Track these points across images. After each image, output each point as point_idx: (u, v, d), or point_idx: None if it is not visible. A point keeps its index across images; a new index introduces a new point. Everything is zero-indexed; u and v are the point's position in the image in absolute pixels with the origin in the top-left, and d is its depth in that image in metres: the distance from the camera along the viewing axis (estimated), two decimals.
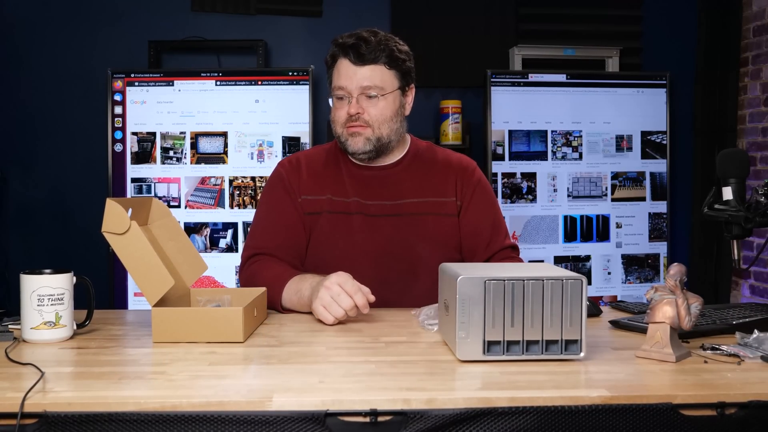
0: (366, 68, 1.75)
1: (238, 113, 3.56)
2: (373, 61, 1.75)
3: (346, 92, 1.77)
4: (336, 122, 1.81)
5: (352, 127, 1.77)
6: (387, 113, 1.78)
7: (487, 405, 1.02)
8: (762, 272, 3.70)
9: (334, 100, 1.80)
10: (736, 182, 1.53)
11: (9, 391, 1.04)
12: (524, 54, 3.82)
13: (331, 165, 1.87)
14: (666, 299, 1.24)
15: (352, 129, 1.77)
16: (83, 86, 3.76)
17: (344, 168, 1.86)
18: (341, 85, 1.77)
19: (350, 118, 1.76)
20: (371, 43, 1.75)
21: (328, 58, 1.81)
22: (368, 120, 1.77)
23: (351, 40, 1.76)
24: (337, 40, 1.79)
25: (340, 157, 1.88)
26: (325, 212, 1.81)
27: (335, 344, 1.36)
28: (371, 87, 1.76)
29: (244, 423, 0.99)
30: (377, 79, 1.76)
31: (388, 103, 1.78)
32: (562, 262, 3.70)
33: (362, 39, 1.75)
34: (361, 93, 1.76)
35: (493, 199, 1.93)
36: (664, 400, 1.04)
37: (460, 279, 1.20)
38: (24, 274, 1.36)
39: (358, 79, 1.75)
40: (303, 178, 1.85)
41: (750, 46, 3.81)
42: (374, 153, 1.81)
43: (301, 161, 1.89)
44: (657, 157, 3.80)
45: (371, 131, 1.77)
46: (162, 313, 1.36)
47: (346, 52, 1.76)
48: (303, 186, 1.84)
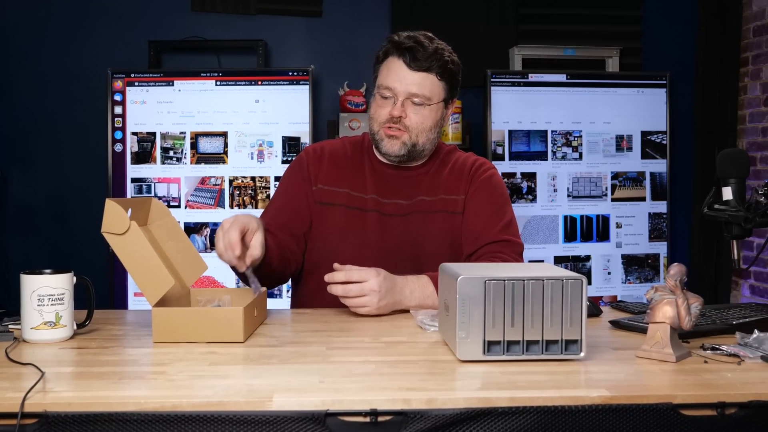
0: (418, 75, 1.74)
1: (238, 113, 3.56)
2: (426, 69, 1.74)
3: (392, 93, 1.76)
4: (375, 119, 1.80)
5: (391, 128, 1.77)
6: (428, 123, 1.78)
7: (487, 405, 1.02)
8: (762, 272, 3.70)
9: (378, 97, 1.79)
10: (736, 182, 1.53)
11: (9, 391, 1.04)
12: (524, 54, 3.82)
13: (355, 159, 1.87)
14: (666, 299, 1.24)
15: (391, 131, 1.77)
16: (83, 86, 3.76)
17: (367, 164, 1.86)
18: (389, 86, 1.75)
19: (391, 119, 1.76)
20: (428, 50, 1.74)
21: (380, 54, 1.80)
22: (409, 125, 1.76)
23: (409, 42, 1.74)
24: (393, 38, 1.77)
25: (365, 152, 1.88)
26: (342, 206, 1.81)
27: (335, 344, 1.36)
28: (419, 95, 1.75)
29: (244, 423, 0.99)
30: (426, 88, 1.75)
31: (431, 113, 1.78)
32: (562, 262, 3.71)
33: (419, 43, 1.74)
34: (408, 98, 1.75)
35: (497, 196, 1.86)
36: (664, 400, 1.04)
37: (460, 279, 1.20)
38: (24, 274, 1.36)
39: (408, 84, 1.74)
40: (324, 167, 1.85)
41: (750, 46, 3.81)
42: (406, 158, 1.81)
43: (325, 151, 1.88)
44: (657, 157, 3.80)
45: (409, 137, 1.77)
46: (162, 313, 1.36)
47: (402, 53, 1.74)
48: (322, 175, 1.84)
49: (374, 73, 1.83)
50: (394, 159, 1.81)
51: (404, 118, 1.76)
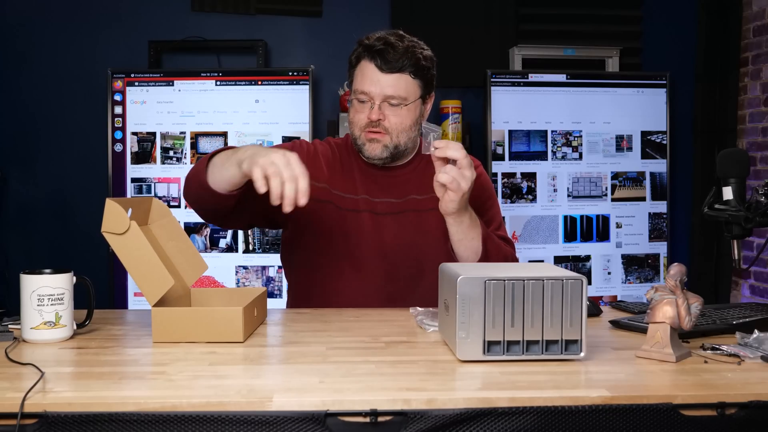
0: (391, 76, 1.74)
1: (238, 113, 3.56)
2: (398, 69, 1.73)
3: (368, 97, 1.76)
4: (355, 125, 1.80)
5: (371, 132, 1.77)
6: (407, 122, 1.78)
7: (487, 405, 1.02)
8: (762, 272, 3.70)
9: (355, 102, 1.79)
10: (736, 182, 1.53)
11: (9, 391, 1.04)
12: (524, 54, 3.82)
13: (344, 160, 1.87)
14: (666, 299, 1.24)
15: (371, 135, 1.77)
16: (83, 86, 3.76)
17: (355, 165, 1.86)
18: (365, 90, 1.75)
19: (370, 123, 1.76)
20: (398, 50, 1.73)
21: (353, 59, 1.80)
22: (388, 127, 1.76)
23: (379, 44, 1.74)
24: (364, 42, 1.77)
25: (351, 153, 1.88)
26: (331, 204, 1.81)
27: (335, 344, 1.36)
28: (395, 96, 1.75)
29: (244, 423, 0.99)
30: (401, 89, 1.75)
31: (408, 112, 1.77)
32: (562, 262, 3.70)
33: (389, 44, 1.73)
34: (384, 100, 1.75)
35: (488, 194, 1.91)
36: (664, 400, 1.04)
37: (460, 279, 1.20)
38: (24, 274, 1.36)
39: (382, 87, 1.74)
40: (316, 163, 1.84)
41: (750, 46, 3.81)
42: (389, 159, 1.81)
43: (318, 149, 1.88)
44: (657, 157, 3.80)
45: (389, 139, 1.77)
46: (162, 313, 1.36)
47: (373, 56, 1.74)
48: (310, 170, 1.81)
49: (349, 78, 1.83)
50: (377, 162, 1.81)
51: (383, 120, 1.75)
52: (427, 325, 1.46)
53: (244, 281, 3.56)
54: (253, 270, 3.58)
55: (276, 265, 3.53)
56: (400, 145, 1.79)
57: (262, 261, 3.57)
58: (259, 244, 3.57)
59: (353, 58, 1.80)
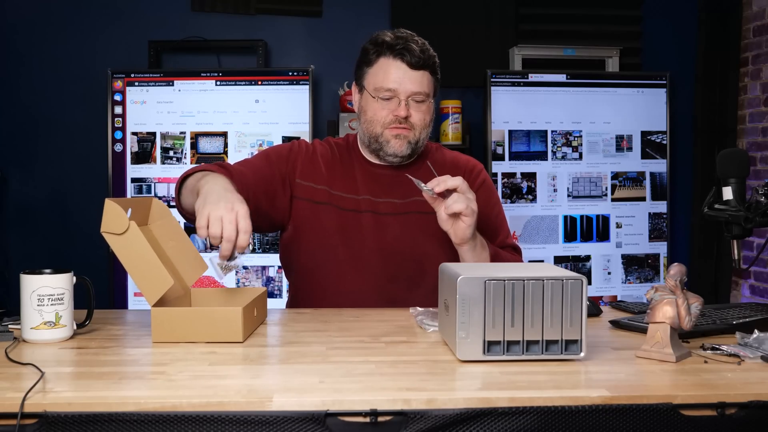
0: (418, 73, 1.75)
1: (238, 113, 3.56)
2: (423, 66, 1.76)
3: (393, 94, 1.76)
4: (376, 122, 1.79)
5: (397, 128, 1.77)
6: (428, 119, 1.81)
7: (487, 405, 1.02)
8: (762, 272, 3.70)
9: (378, 100, 1.78)
10: (736, 182, 1.53)
11: (9, 391, 1.04)
12: (524, 54, 3.82)
13: (344, 161, 1.87)
14: (666, 299, 1.24)
15: (398, 131, 1.77)
16: (83, 86, 3.76)
17: (357, 165, 1.86)
18: (390, 87, 1.75)
19: (396, 119, 1.77)
20: (421, 48, 1.76)
21: (371, 57, 1.79)
22: (414, 123, 1.78)
23: (401, 42, 1.75)
24: (384, 39, 1.77)
25: (353, 153, 1.88)
26: (331, 205, 1.81)
27: (335, 344, 1.36)
28: (420, 93, 1.76)
29: (244, 423, 0.99)
30: (426, 85, 1.77)
31: (428, 109, 1.81)
32: (562, 262, 3.71)
33: (413, 42, 1.76)
34: (409, 96, 1.76)
35: (496, 200, 1.94)
36: (664, 400, 1.04)
37: (460, 279, 1.19)
38: (24, 274, 1.36)
39: (410, 84, 1.75)
40: (315, 164, 1.84)
41: (750, 46, 3.81)
42: (408, 156, 1.82)
43: (317, 149, 1.88)
44: (657, 157, 3.80)
45: (413, 135, 1.79)
46: (162, 313, 1.36)
47: (400, 53, 1.75)
48: (308, 172, 1.83)
49: (361, 77, 1.82)
50: (395, 160, 1.81)
51: (410, 117, 1.77)
52: (427, 325, 1.46)
53: (244, 281, 3.56)
54: (253, 270, 3.58)
55: (276, 265, 3.53)
56: (420, 142, 1.81)
57: (262, 261, 3.57)
58: (259, 244, 3.57)
59: (371, 57, 1.80)
